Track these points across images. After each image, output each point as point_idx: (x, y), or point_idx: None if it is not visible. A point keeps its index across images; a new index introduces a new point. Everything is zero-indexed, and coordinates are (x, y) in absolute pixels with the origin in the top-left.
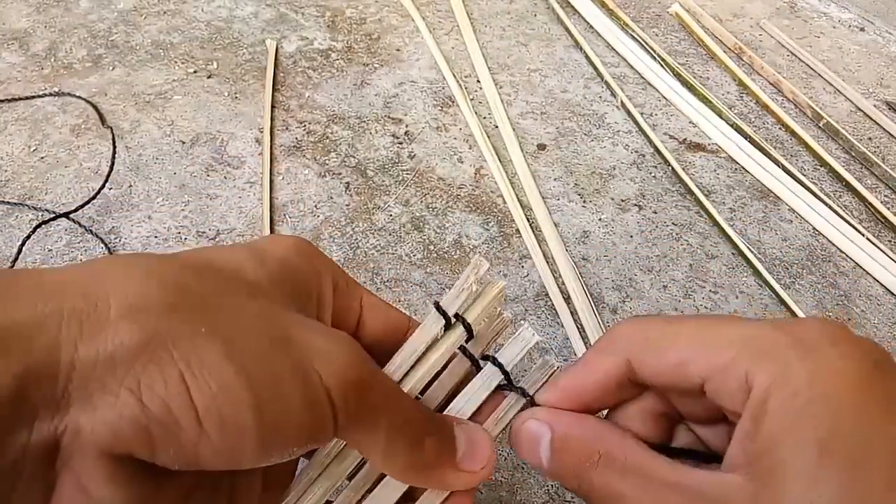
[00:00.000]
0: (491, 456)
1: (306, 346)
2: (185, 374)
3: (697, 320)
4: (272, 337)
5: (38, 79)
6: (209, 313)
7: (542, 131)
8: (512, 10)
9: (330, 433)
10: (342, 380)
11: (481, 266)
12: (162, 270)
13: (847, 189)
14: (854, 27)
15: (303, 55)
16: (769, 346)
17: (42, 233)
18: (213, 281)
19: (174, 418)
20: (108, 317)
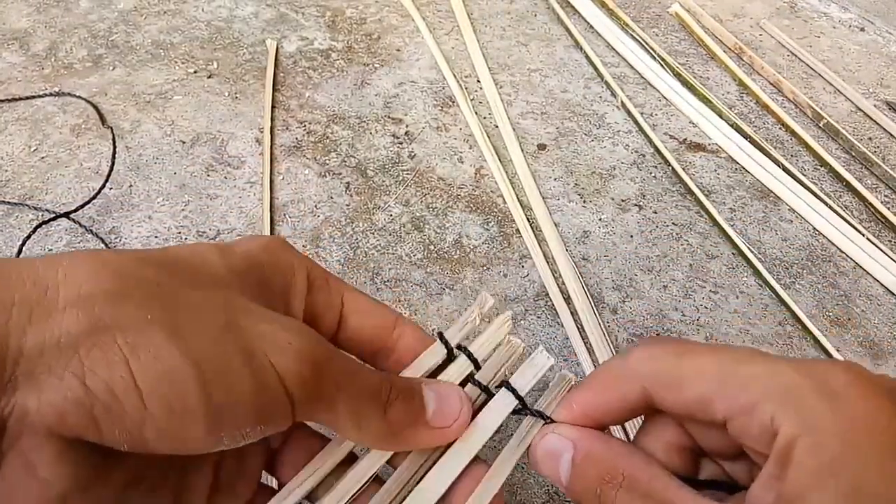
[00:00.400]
0: (463, 409)
1: (256, 332)
2: (129, 359)
3: (717, 354)
4: (222, 324)
5: (39, 79)
6: (159, 301)
7: (543, 131)
8: (512, 10)
9: (286, 415)
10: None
11: (486, 302)
12: (117, 262)
13: (847, 189)
14: (854, 27)
15: (303, 55)
16: (794, 392)
17: (42, 233)
18: (167, 272)
19: (118, 400)
20: (56, 304)
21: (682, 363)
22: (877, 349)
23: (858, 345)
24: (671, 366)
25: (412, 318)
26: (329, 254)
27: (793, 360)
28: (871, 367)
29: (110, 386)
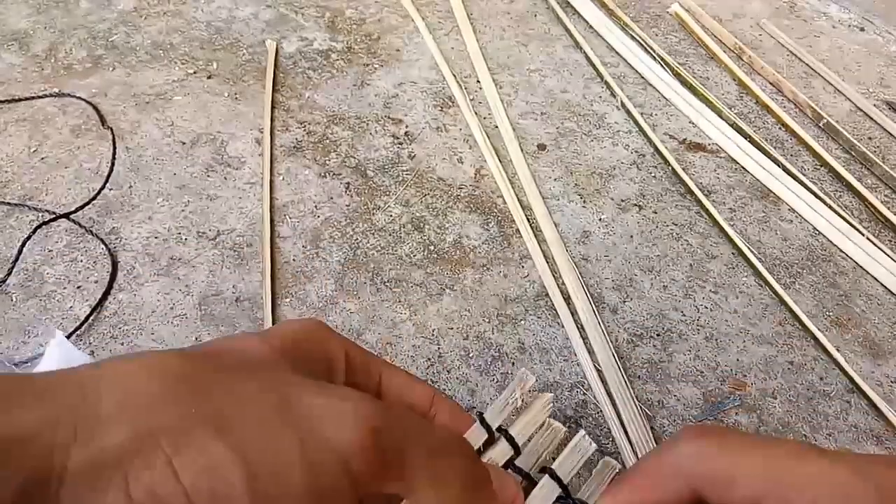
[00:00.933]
0: (520, 494)
1: (308, 406)
2: (172, 459)
3: (769, 450)
4: (274, 404)
5: (39, 80)
6: (204, 396)
7: (542, 131)
8: (512, 10)
9: (347, 493)
10: (355, 437)
11: (527, 381)
12: (160, 363)
13: (847, 189)
14: (854, 27)
15: (303, 56)
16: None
17: (42, 233)
18: (212, 365)
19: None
20: (99, 417)
21: (732, 461)
22: (877, 349)
23: (858, 344)
24: (721, 464)
25: (412, 318)
26: (329, 254)
27: (847, 457)
28: (872, 367)
29: (155, 492)
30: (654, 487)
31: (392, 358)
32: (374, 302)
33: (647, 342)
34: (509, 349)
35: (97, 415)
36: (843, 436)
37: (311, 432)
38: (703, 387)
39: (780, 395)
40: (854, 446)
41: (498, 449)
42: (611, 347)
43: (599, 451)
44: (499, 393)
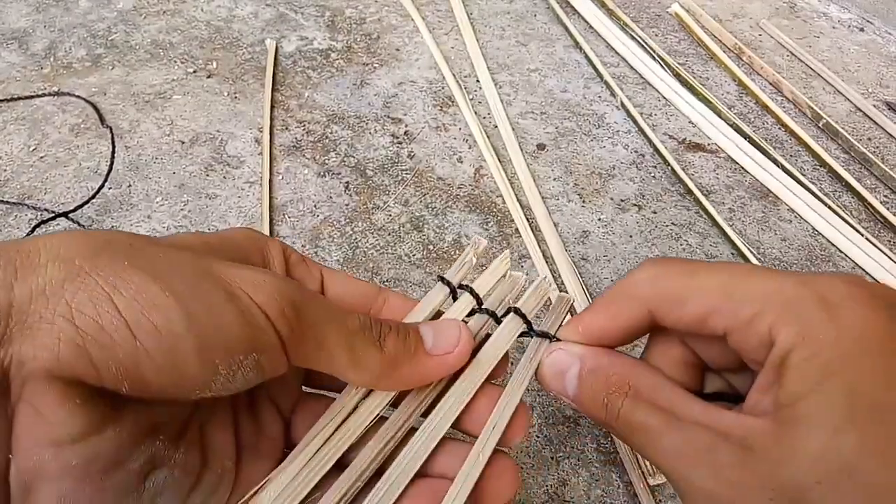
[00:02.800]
0: (462, 335)
1: (232, 276)
2: (112, 295)
3: (720, 271)
4: (198, 272)
5: (38, 78)
6: (136, 253)
7: (542, 131)
8: (512, 10)
9: (278, 350)
10: (273, 299)
11: (480, 243)
12: (92, 233)
13: (846, 189)
14: (854, 27)
15: (302, 55)
16: (793, 303)
17: (41, 232)
18: (141, 239)
19: (107, 334)
20: (38, 262)
21: (685, 281)
22: None
23: None
24: (675, 285)
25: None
26: (328, 253)
27: (794, 274)
28: None
29: (98, 322)
30: (612, 312)
31: None
32: None
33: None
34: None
35: (36, 261)
36: None
37: (236, 292)
38: None
39: None
40: None
41: (461, 300)
42: None
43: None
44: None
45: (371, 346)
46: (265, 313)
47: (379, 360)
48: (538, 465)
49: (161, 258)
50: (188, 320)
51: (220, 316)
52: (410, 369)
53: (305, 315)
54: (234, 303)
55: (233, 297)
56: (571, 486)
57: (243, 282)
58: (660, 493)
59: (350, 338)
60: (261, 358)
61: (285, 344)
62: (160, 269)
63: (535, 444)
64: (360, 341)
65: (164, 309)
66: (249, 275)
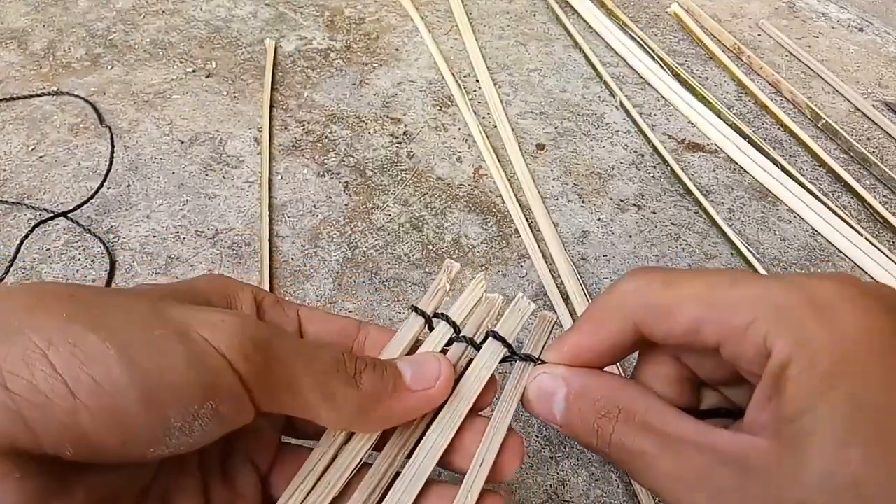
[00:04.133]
0: (442, 366)
1: (187, 317)
2: (47, 353)
3: (705, 279)
4: (146, 315)
5: (37, 78)
6: (76, 304)
7: (541, 131)
8: (511, 9)
9: (241, 394)
10: (235, 338)
11: (453, 268)
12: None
13: (846, 189)
14: (853, 27)
15: (302, 55)
16: (785, 310)
17: (40, 232)
18: (79, 288)
19: (43, 395)
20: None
21: (670, 292)
22: None
23: None
24: (659, 296)
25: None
26: (327, 253)
27: (782, 277)
28: None
29: (33, 383)
30: (597, 330)
31: None
32: (373, 301)
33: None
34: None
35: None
36: None
37: (188, 331)
38: None
39: None
40: None
41: (437, 329)
42: None
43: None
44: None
45: (346, 385)
46: (223, 355)
47: (356, 398)
48: (537, 465)
49: (106, 306)
50: (131, 369)
51: (169, 361)
52: (390, 407)
53: (272, 354)
54: (185, 345)
55: (185, 339)
56: (571, 485)
57: (198, 323)
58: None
59: (323, 376)
60: (220, 406)
61: (249, 388)
62: (102, 318)
63: (533, 444)
64: (333, 379)
65: (104, 360)
66: (206, 315)
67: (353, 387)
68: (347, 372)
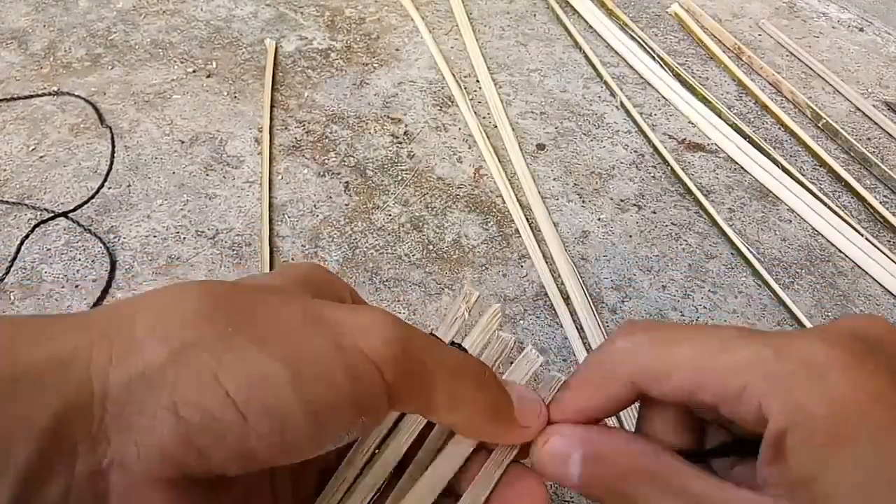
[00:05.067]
0: (542, 411)
1: (340, 323)
2: (217, 374)
3: (697, 342)
4: (303, 320)
5: (37, 78)
6: (237, 313)
7: (542, 131)
8: (511, 9)
9: (383, 403)
10: (383, 344)
11: (472, 295)
12: (188, 289)
13: (846, 189)
14: (853, 27)
15: (302, 55)
16: (777, 375)
17: (41, 232)
18: (241, 288)
19: (215, 419)
20: (134, 338)
21: (661, 356)
22: None
23: None
24: (654, 359)
25: (410, 318)
26: (328, 253)
27: (773, 340)
28: None
29: (205, 407)
30: (596, 392)
31: None
32: (373, 301)
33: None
34: None
35: (132, 337)
36: None
37: (345, 342)
38: None
39: None
40: None
41: None
42: None
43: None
44: None
45: (473, 390)
46: (377, 366)
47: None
48: None
49: (266, 313)
50: (301, 392)
51: (331, 379)
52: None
53: (412, 356)
54: (342, 358)
55: (341, 349)
56: None
57: (350, 327)
58: None
59: (456, 380)
60: (368, 418)
61: (391, 393)
62: (266, 329)
63: None
64: (464, 385)
65: (275, 381)
66: (354, 318)
67: (475, 395)
68: (473, 378)
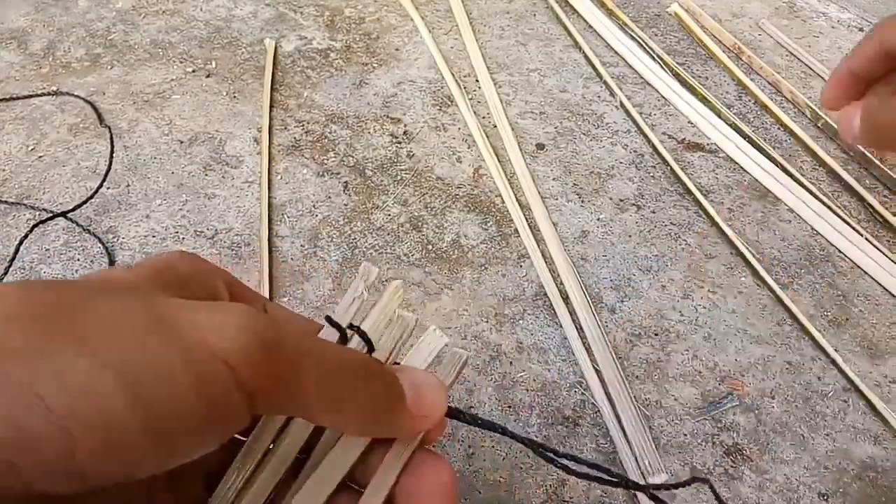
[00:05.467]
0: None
1: (190, 322)
2: (32, 383)
3: None
4: (144, 321)
5: (37, 78)
6: (58, 315)
7: (541, 131)
8: (511, 9)
9: (241, 409)
10: (239, 345)
11: (370, 273)
12: (6, 286)
13: (845, 189)
14: (853, 27)
15: (301, 55)
16: None
17: (39, 232)
18: (68, 287)
19: (31, 433)
20: None
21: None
22: (874, 349)
23: (856, 345)
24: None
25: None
26: (327, 253)
27: None
28: (870, 367)
29: (17, 420)
30: (853, 55)
31: None
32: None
33: (645, 342)
34: (507, 349)
35: None
36: (841, 435)
37: (191, 341)
38: (701, 386)
39: (778, 394)
40: (851, 446)
41: (351, 345)
42: (609, 347)
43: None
44: (497, 392)
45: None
46: (231, 367)
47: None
48: (537, 465)
49: (96, 314)
50: (131, 399)
51: (174, 387)
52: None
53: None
54: (189, 363)
55: (188, 353)
56: (570, 486)
57: (200, 327)
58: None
59: (332, 380)
60: (222, 426)
61: (253, 401)
62: (97, 335)
63: None
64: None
65: (102, 390)
66: (206, 316)
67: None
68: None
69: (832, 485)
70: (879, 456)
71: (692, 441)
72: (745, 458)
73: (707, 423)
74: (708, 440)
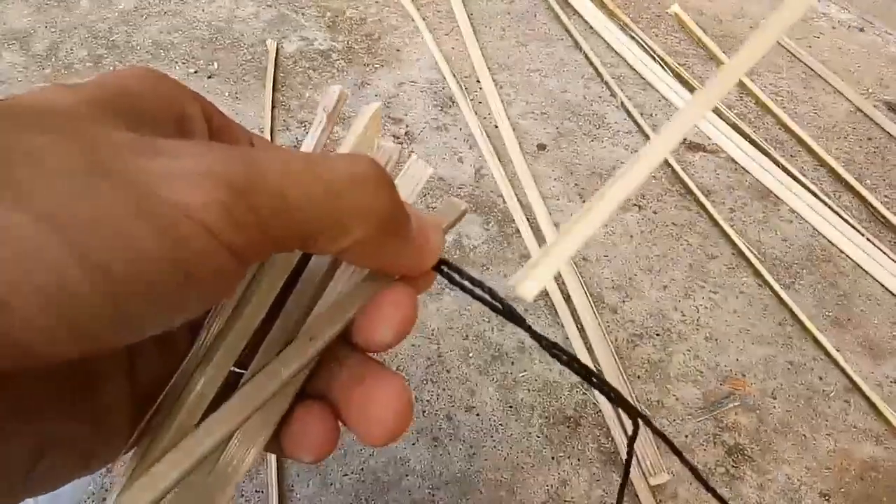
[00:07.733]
0: (438, 235)
1: (144, 171)
2: None
3: None
4: (83, 168)
5: (39, 79)
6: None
7: (542, 131)
8: (512, 10)
9: (230, 268)
10: (211, 200)
11: (332, 94)
12: None
13: (847, 189)
14: (853, 28)
15: (303, 55)
16: None
17: None
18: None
19: None
20: None
21: None
22: (876, 349)
23: (858, 345)
24: None
25: None
26: None
27: None
28: (871, 367)
29: None
30: None
31: (391, 358)
32: None
33: (646, 342)
34: (509, 349)
35: None
36: (843, 435)
37: (145, 191)
38: (702, 387)
39: (780, 394)
40: (853, 446)
41: None
42: (610, 347)
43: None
44: (498, 392)
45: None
46: (202, 224)
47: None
48: (538, 465)
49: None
50: (82, 258)
51: (137, 247)
52: (399, 248)
53: (264, 197)
54: (150, 219)
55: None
56: (572, 486)
57: (163, 175)
58: (660, 494)
59: (336, 198)
60: (205, 289)
61: (241, 253)
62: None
63: (535, 444)
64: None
65: (44, 251)
66: (166, 163)
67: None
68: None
69: (833, 485)
70: (881, 456)
71: (694, 441)
72: (747, 458)
73: (708, 423)
74: (709, 440)
